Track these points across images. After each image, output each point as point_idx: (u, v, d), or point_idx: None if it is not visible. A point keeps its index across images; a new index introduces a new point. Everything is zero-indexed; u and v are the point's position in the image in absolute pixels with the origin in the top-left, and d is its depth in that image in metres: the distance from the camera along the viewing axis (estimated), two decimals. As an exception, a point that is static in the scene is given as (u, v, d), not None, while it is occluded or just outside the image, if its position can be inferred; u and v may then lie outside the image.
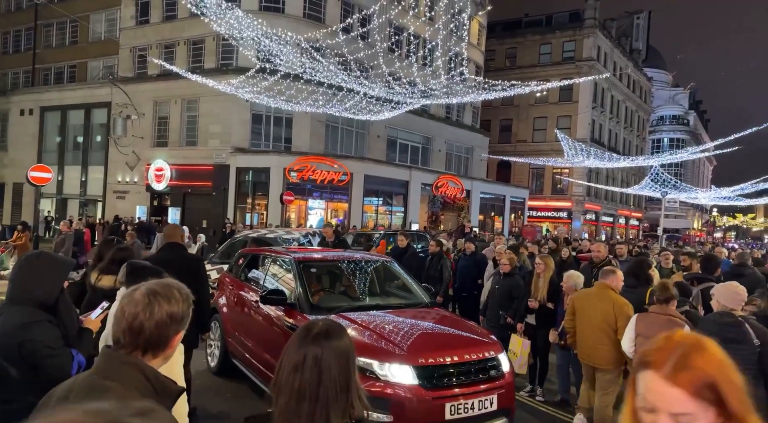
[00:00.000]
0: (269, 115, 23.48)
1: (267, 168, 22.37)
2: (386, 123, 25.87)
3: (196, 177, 23.85)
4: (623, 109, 46.75)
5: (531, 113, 40.67)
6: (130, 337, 1.37)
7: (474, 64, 33.36)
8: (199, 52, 24.79)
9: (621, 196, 45.99)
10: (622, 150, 45.37)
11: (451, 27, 25.12)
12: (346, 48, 17.70)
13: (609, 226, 45.51)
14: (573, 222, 38.82)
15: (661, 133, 62.74)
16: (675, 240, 37.27)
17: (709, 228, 66.48)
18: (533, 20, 43.21)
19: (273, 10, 23.10)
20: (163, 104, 25.50)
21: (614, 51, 43.19)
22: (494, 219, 33.40)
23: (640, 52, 49.77)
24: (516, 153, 37.00)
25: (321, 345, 1.31)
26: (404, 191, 26.07)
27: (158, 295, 1.40)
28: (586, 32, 39.00)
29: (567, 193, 39.67)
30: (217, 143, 23.49)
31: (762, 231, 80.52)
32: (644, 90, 52.64)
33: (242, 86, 17.32)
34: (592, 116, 39.59)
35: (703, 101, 77.64)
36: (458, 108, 32.76)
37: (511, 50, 41.79)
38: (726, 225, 74.54)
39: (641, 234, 47.47)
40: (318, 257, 6.10)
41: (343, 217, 23.78)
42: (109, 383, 1.30)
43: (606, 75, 38.22)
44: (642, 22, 49.24)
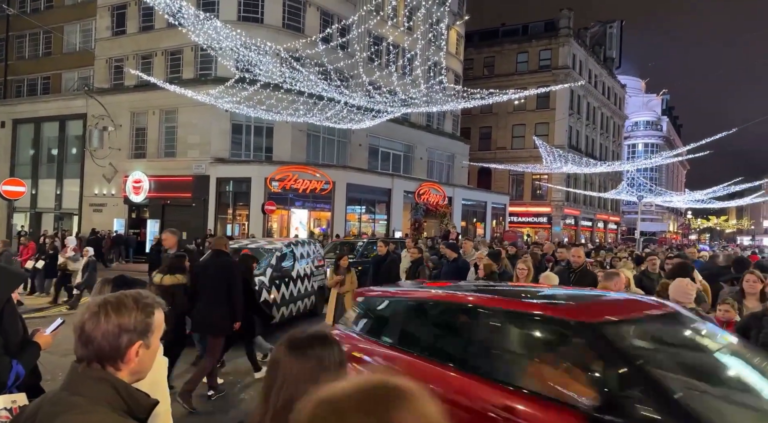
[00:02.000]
0: (249, 125, 23.37)
1: (248, 178, 22.22)
2: (367, 131, 25.98)
3: (175, 188, 23.54)
4: (599, 116, 47.83)
5: (510, 121, 41.33)
6: (81, 348, 1.32)
7: (453, 73, 33.81)
8: (177, 62, 24.60)
9: (599, 200, 46.91)
10: (598, 155, 46.35)
11: (429, 37, 25.44)
12: (325, 58, 17.79)
13: (588, 230, 46.30)
14: (553, 227, 39.40)
15: (635, 138, 64.35)
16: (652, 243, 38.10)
17: (685, 230, 68.17)
18: (510, 29, 44.06)
19: (252, 20, 23.11)
20: (141, 115, 25.18)
21: (589, 59, 44.28)
22: (476, 225, 33.69)
23: (613, 60, 51.11)
24: (496, 160, 37.51)
25: None
26: (387, 199, 26.16)
27: (108, 305, 1.34)
28: (561, 41, 39.94)
29: (546, 198, 40.29)
30: (197, 154, 23.26)
31: (734, 232, 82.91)
32: (618, 97, 54.01)
33: (221, 96, 17.23)
34: (569, 123, 40.41)
35: (675, 107, 79.94)
36: (438, 116, 33.11)
37: (489, 59, 42.50)
38: (700, 227, 76.52)
39: (619, 237, 48.37)
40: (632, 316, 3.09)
41: (326, 226, 23.72)
42: (77, 398, 1.26)
43: (581, 82, 39.13)
44: (615, 31, 50.61)
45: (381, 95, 18.76)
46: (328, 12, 25.05)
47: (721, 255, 10.80)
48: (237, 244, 9.97)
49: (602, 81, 48.21)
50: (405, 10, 27.25)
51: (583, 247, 17.42)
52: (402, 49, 26.74)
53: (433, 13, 23.76)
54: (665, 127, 68.09)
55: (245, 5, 23.28)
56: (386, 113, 20.73)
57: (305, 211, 23.58)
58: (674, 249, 21.82)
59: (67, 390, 1.31)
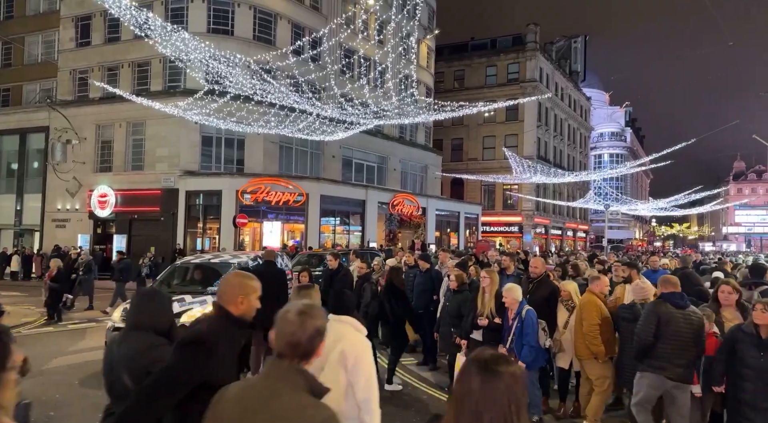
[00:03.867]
0: (220, 137, 23.09)
1: (218, 191, 21.87)
2: (341, 143, 26.02)
3: (142, 202, 22.96)
4: (566, 127, 49.26)
5: (480, 132, 42.11)
6: (290, 350, 1.73)
7: (424, 86, 34.32)
8: (145, 74, 24.17)
9: (568, 209, 48.08)
10: (566, 166, 47.63)
11: (400, 50, 25.82)
12: (297, 70, 17.81)
13: (558, 238, 47.32)
14: (524, 236, 40.11)
15: (601, 149, 66.49)
16: (620, 250, 39.19)
17: (650, 237, 70.44)
18: (479, 44, 45.13)
19: (222, 32, 22.98)
20: (107, 128, 24.56)
21: (555, 72, 45.69)
22: (450, 235, 34.00)
23: (578, 73, 52.88)
24: (468, 171, 38.07)
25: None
26: (361, 210, 26.16)
27: (306, 315, 1.77)
28: (528, 55, 41.12)
29: (517, 208, 41.06)
30: (165, 167, 22.79)
31: (696, 239, 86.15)
32: (584, 109, 55.82)
33: (190, 108, 16.99)
34: (537, 134, 41.46)
35: (637, 119, 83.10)
36: (411, 128, 33.47)
37: (459, 72, 43.34)
38: (664, 234, 79.23)
39: (588, 245, 49.62)
40: None
41: (299, 239, 23.50)
42: (281, 385, 1.68)
43: (548, 95, 40.31)
44: (579, 45, 52.46)
45: (353, 107, 18.86)
46: (300, 25, 25.15)
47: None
48: (198, 259, 9.42)
49: (568, 94, 49.77)
50: (376, 24, 27.60)
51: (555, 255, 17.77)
52: (373, 61, 27.02)
53: (403, 27, 24.17)
54: (629, 138, 70.65)
55: (215, 17, 23.15)
56: (359, 125, 20.84)
57: (278, 223, 23.33)
58: (629, 256, 22.50)
59: (270, 379, 1.72)
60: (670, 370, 4.30)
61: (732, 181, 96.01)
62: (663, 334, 4.30)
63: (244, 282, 2.55)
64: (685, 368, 4.32)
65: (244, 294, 2.48)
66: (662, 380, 4.36)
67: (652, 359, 4.36)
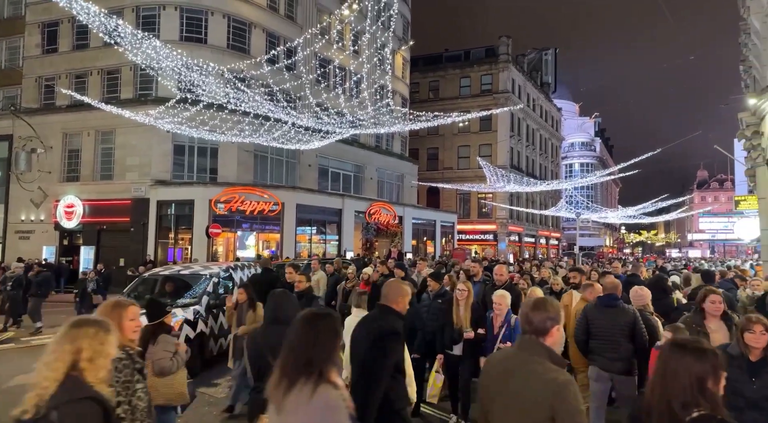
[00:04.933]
0: (192, 146, 22.74)
1: (191, 200, 21.49)
2: (317, 152, 25.97)
3: (112, 212, 22.37)
4: (538, 137, 50.40)
5: (455, 142, 42.69)
6: (529, 327, 2.28)
7: (400, 96, 34.65)
8: (115, 81, 23.69)
9: (540, 217, 49.03)
10: (539, 175, 48.66)
11: (375, 60, 26.06)
12: (271, 79, 17.74)
13: (532, 246, 48.15)
14: (499, 244, 40.68)
15: (572, 158, 68.17)
16: (591, 257, 40.10)
17: (620, 244, 72.34)
18: (453, 55, 45.90)
19: (195, 40, 22.76)
20: (74, 136, 23.91)
21: (527, 84, 46.81)
22: (426, 243, 34.20)
23: (549, 84, 54.28)
24: (443, 179, 38.47)
25: None
26: (338, 219, 26.08)
27: (539, 305, 2.32)
28: (500, 66, 42.04)
29: (492, 216, 41.65)
30: (136, 176, 22.29)
31: (664, 245, 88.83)
32: (555, 119, 57.26)
33: (162, 117, 16.71)
34: (510, 144, 42.28)
35: (606, 129, 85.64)
36: (387, 137, 33.70)
37: (434, 83, 43.95)
38: (633, 241, 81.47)
39: (561, 252, 50.60)
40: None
41: (275, 249, 23.25)
42: (530, 354, 2.21)
43: (520, 106, 41.20)
44: (550, 57, 53.92)
45: (329, 116, 18.90)
46: (274, 34, 25.12)
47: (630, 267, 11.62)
48: (167, 271, 9.03)
49: (540, 104, 51.01)
50: (351, 34, 27.81)
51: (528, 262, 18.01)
52: (349, 71, 27.16)
53: (378, 37, 24.40)
54: (598, 147, 72.66)
55: (188, 26, 22.93)
56: (335, 134, 20.86)
57: (253, 233, 23.05)
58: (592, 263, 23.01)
59: (523, 351, 2.26)
60: (601, 362, 4.82)
61: (696, 189, 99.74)
62: (591, 332, 4.94)
63: (403, 287, 3.49)
64: (619, 361, 4.73)
65: (402, 295, 3.39)
66: (600, 373, 4.83)
67: (589, 354, 4.99)
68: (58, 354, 1.95)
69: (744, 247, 49.05)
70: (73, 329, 2.01)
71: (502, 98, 40.82)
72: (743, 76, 21.75)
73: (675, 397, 1.83)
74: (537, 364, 2.16)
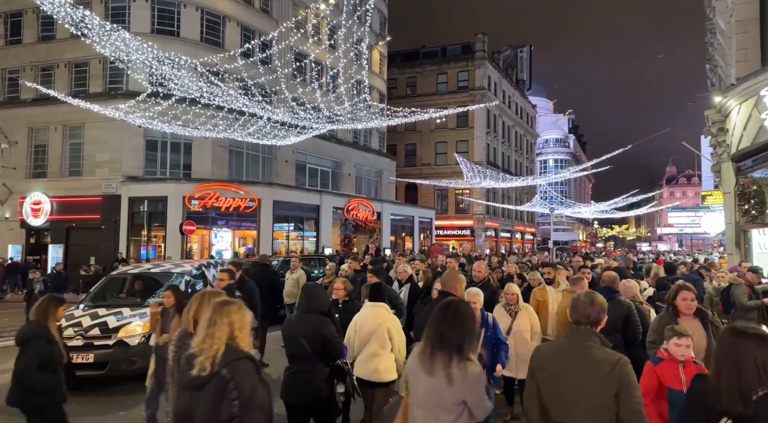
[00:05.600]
0: (165, 141, 22.27)
1: (164, 197, 21.06)
2: (294, 148, 25.74)
3: (81, 209, 21.75)
4: (513, 134, 51.08)
5: (433, 138, 42.92)
6: (584, 319, 2.60)
7: (377, 92, 34.61)
8: (83, 75, 22.98)
9: (516, 213, 49.78)
10: (514, 171, 49.35)
11: (351, 55, 25.94)
12: (246, 73, 17.48)
13: (508, 241, 48.88)
14: (476, 239, 41.15)
15: (546, 155, 69.32)
16: (565, 251, 40.94)
17: (593, 239, 74.03)
18: (430, 52, 46.06)
19: (167, 33, 22.25)
20: (41, 131, 23.13)
21: (503, 81, 47.34)
22: (405, 239, 34.35)
23: (524, 81, 55.03)
24: (421, 176, 38.65)
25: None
26: (315, 216, 25.94)
27: (592, 298, 2.67)
28: (477, 63, 42.39)
29: (469, 212, 42.09)
30: (106, 172, 21.72)
31: (635, 239, 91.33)
32: (530, 116, 58.09)
33: (133, 111, 16.29)
34: (486, 140, 42.74)
35: (580, 126, 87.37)
36: (365, 133, 33.63)
37: (411, 79, 44.04)
38: (606, 235, 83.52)
39: (536, 247, 51.50)
40: None
41: (252, 246, 22.99)
42: (587, 342, 2.54)
43: (496, 102, 41.68)
44: (525, 55, 54.62)
45: (305, 111, 18.73)
46: (249, 28, 24.75)
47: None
48: (137, 270, 8.75)
49: (515, 101, 51.67)
50: (327, 29, 27.60)
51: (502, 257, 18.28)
52: (325, 66, 26.98)
53: (355, 32, 24.29)
54: (572, 144, 74.07)
55: (159, 18, 22.39)
56: (312, 129, 20.71)
57: (229, 230, 22.73)
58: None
59: (580, 338, 2.57)
60: None
61: (665, 184, 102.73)
62: None
63: (459, 276, 4.37)
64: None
65: (459, 282, 4.15)
66: None
67: None
68: (219, 326, 2.51)
69: (710, 241, 50.81)
70: (223, 307, 2.59)
71: (479, 95, 41.20)
72: (709, 75, 22.47)
73: (743, 380, 2.07)
74: (596, 349, 2.51)
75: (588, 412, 2.40)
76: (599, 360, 2.45)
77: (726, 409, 2.09)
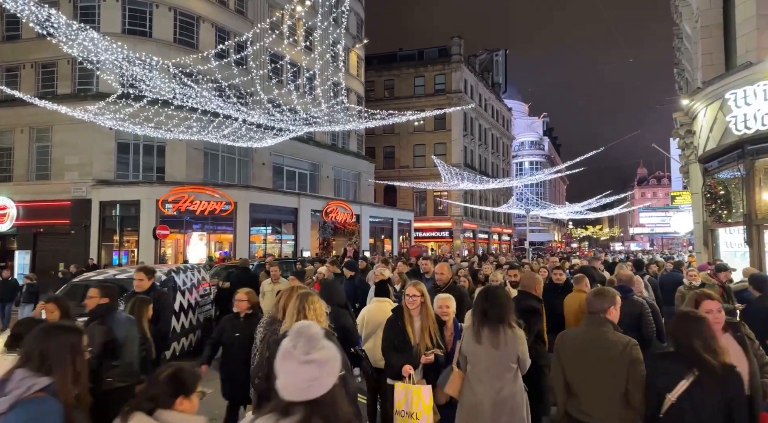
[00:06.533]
0: (138, 144, 21.76)
1: (137, 200, 20.56)
2: (271, 150, 25.48)
3: (49, 214, 21.06)
4: (490, 137, 51.69)
5: (411, 141, 43.09)
6: (599, 309, 3.16)
7: (355, 94, 34.56)
8: (51, 75, 22.30)
9: (493, 214, 50.34)
10: (491, 173, 49.93)
11: (327, 57, 25.82)
12: (220, 74, 17.21)
13: (485, 242, 49.39)
14: (454, 240, 41.43)
15: (522, 157, 70.35)
16: (541, 252, 41.58)
17: (567, 239, 75.42)
18: (407, 55, 46.27)
19: (139, 33, 21.78)
20: (5, 134, 22.33)
21: (479, 84, 47.89)
22: (384, 241, 34.34)
23: (500, 85, 55.77)
24: (400, 178, 38.74)
25: None
26: (293, 219, 25.70)
27: (601, 293, 3.28)
28: (453, 66, 42.79)
29: (447, 213, 42.37)
30: (76, 176, 21.09)
31: (608, 239, 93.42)
32: (506, 119, 58.91)
33: (103, 113, 15.85)
34: (463, 143, 43.13)
35: (554, 129, 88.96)
36: (343, 135, 33.53)
37: (389, 82, 44.16)
38: (580, 236, 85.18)
39: (513, 247, 52.17)
40: None
41: (228, 250, 22.62)
42: (602, 327, 3.08)
43: (472, 105, 42.11)
44: (500, 58, 55.38)
45: (282, 113, 18.55)
46: (224, 29, 24.42)
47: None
48: (102, 276, 8.19)
49: (491, 104, 52.32)
50: (303, 30, 27.46)
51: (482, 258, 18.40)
52: (301, 67, 26.81)
53: (331, 34, 24.21)
54: (546, 146, 75.36)
55: (131, 18, 21.90)
56: (289, 132, 20.52)
57: (204, 234, 22.32)
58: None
59: (596, 325, 3.12)
60: None
61: (636, 185, 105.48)
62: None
63: (536, 277, 5.06)
64: None
65: (538, 283, 4.76)
66: None
67: None
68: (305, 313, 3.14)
69: (680, 240, 52.33)
70: (308, 298, 3.23)
71: (455, 98, 41.56)
72: (677, 79, 23.18)
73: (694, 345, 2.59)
74: (610, 334, 3.05)
75: (603, 383, 2.93)
76: (612, 342, 2.98)
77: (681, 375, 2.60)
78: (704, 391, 2.49)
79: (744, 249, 10.18)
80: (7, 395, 1.85)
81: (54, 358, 2.01)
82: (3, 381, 1.92)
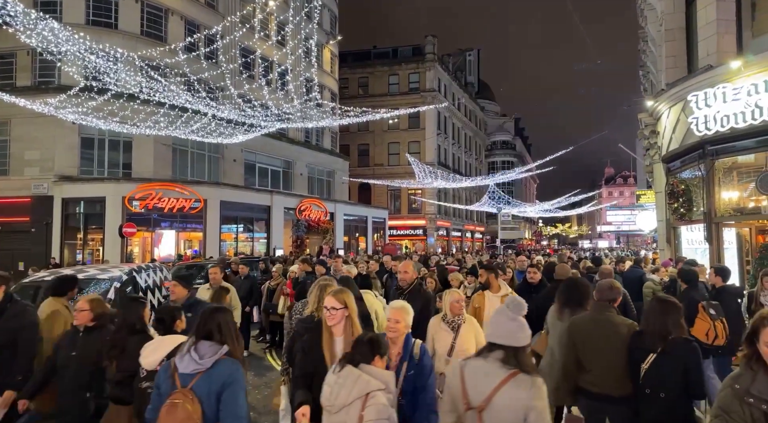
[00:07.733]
0: (103, 139, 21.04)
1: (102, 197, 19.89)
2: (242, 146, 25.03)
3: (8, 212, 20.16)
4: (463, 136, 52.21)
5: (385, 139, 43.11)
6: (605, 298, 3.85)
7: (329, 91, 34.30)
8: (9, 67, 21.31)
9: (466, 212, 50.90)
10: (464, 172, 50.47)
11: (300, 53, 25.51)
12: (188, 67, 16.79)
13: (458, 240, 49.89)
14: (428, 238, 41.69)
15: (494, 156, 71.27)
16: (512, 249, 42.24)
17: (537, 237, 76.95)
18: (381, 52, 46.24)
19: (104, 25, 21.04)
20: (-41, 127, 21.20)
21: (452, 83, 48.28)
22: (359, 239, 34.25)
23: (473, 85, 56.38)
24: (374, 176, 38.71)
25: None
26: (266, 217, 25.33)
27: (607, 285, 3.95)
28: (427, 65, 42.99)
29: (421, 212, 42.60)
30: (36, 171, 20.25)
31: (577, 237, 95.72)
32: (479, 118, 59.60)
33: (64, 106, 15.24)
34: (437, 142, 43.42)
35: (525, 128, 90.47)
36: (317, 132, 33.24)
37: (363, 79, 44.03)
38: (550, 234, 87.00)
39: (485, 245, 52.90)
40: None
41: (198, 248, 22.14)
42: (608, 313, 3.72)
43: (445, 104, 42.43)
44: (473, 58, 56.00)
45: (253, 109, 18.23)
46: (194, 22, 23.83)
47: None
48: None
49: (464, 104, 52.83)
50: (275, 24, 27.05)
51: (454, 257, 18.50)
52: (273, 63, 26.40)
53: (303, 29, 23.93)
54: (518, 146, 76.58)
55: (95, 9, 21.13)
56: (260, 128, 20.20)
57: (173, 232, 21.77)
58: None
59: (602, 311, 3.74)
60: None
61: (604, 184, 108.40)
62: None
63: (567, 267, 6.02)
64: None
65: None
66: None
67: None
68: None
69: (645, 237, 54.13)
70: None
71: (429, 96, 41.78)
72: (642, 81, 23.90)
73: (662, 328, 3.27)
74: (615, 317, 3.69)
75: (610, 359, 3.46)
76: (618, 324, 3.62)
77: (651, 348, 3.27)
78: (667, 361, 3.21)
79: (704, 246, 10.57)
80: (204, 358, 2.57)
81: (226, 331, 2.71)
82: (190, 348, 2.63)
